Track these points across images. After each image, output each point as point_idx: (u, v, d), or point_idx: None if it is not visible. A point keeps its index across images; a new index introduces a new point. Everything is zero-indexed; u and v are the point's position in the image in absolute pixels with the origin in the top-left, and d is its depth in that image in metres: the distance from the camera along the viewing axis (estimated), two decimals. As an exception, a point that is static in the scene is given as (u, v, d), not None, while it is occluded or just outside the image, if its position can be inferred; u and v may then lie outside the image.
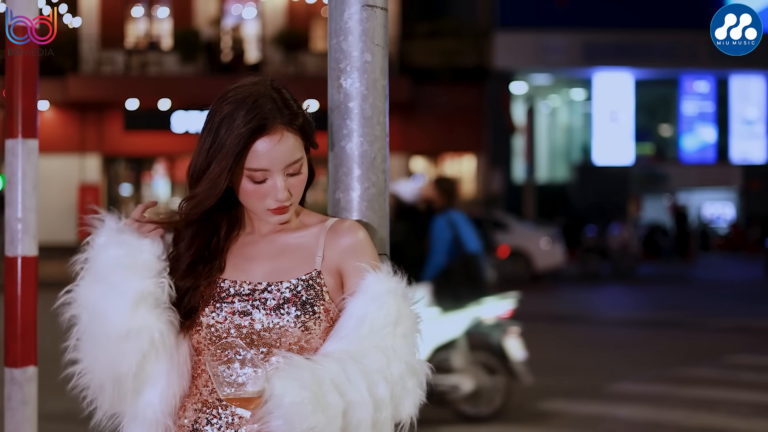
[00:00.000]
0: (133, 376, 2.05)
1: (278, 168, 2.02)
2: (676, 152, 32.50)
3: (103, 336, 2.04)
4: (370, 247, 2.10)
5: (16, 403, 3.14)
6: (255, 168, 2.01)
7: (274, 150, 2.01)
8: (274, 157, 2.01)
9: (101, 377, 2.07)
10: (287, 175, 2.04)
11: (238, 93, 2.04)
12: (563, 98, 32.74)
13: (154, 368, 2.06)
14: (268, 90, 2.05)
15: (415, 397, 2.00)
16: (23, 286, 3.17)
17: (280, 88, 2.07)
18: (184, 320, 2.07)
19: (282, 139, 2.02)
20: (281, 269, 2.08)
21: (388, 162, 2.28)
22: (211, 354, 1.90)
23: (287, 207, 2.06)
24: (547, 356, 11.07)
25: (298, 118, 2.05)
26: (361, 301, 2.01)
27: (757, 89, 31.84)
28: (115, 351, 2.03)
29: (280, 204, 2.04)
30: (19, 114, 3.19)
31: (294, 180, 2.06)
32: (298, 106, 2.08)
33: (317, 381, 1.89)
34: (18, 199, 3.18)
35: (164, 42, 27.08)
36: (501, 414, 7.82)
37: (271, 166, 2.02)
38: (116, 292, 2.03)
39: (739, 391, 8.85)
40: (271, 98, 2.03)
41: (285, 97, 2.06)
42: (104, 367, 2.06)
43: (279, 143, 2.01)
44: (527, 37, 28.17)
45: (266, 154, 2.01)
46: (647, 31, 28.61)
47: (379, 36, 2.27)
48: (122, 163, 27.84)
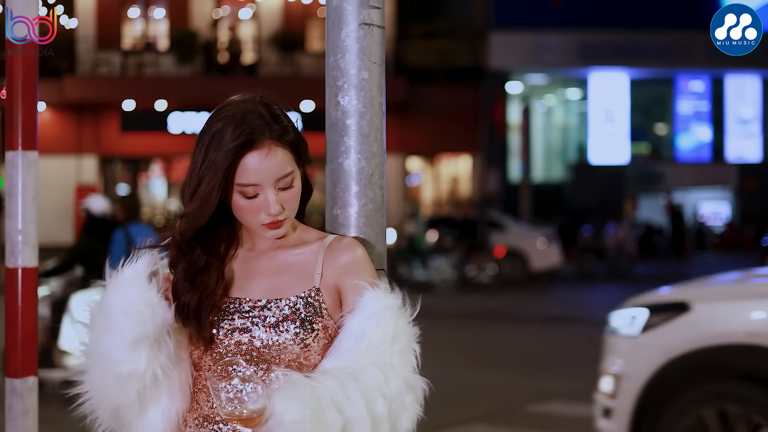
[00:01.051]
0: (136, 406, 2.09)
1: (268, 182, 2.05)
2: (671, 151, 32.55)
3: (104, 374, 2.08)
4: (368, 264, 2.12)
5: (17, 413, 3.16)
6: (245, 183, 2.04)
7: (263, 164, 2.04)
8: (263, 171, 2.04)
9: (104, 406, 2.11)
10: (279, 189, 2.06)
11: (227, 111, 2.08)
12: (559, 98, 32.77)
13: (156, 392, 2.09)
14: (257, 106, 2.08)
15: (412, 412, 2.03)
16: (23, 297, 3.19)
17: (270, 104, 2.10)
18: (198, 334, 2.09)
19: (270, 153, 2.04)
20: (281, 287, 2.11)
21: (385, 178, 2.31)
22: (212, 372, 1.93)
23: (281, 222, 2.08)
24: (542, 356, 11.11)
25: (288, 133, 2.08)
26: (360, 319, 2.04)
27: (752, 88, 31.89)
28: (116, 388, 2.07)
29: (273, 218, 2.06)
30: (19, 126, 3.21)
31: (286, 194, 2.08)
32: (288, 121, 2.10)
33: (317, 399, 1.91)
34: (18, 211, 3.21)
35: (161, 43, 27.07)
36: (497, 416, 7.85)
37: (260, 180, 2.04)
38: (117, 333, 2.06)
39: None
40: (259, 114, 2.06)
41: (274, 112, 2.09)
42: (107, 399, 2.10)
43: (267, 157, 2.04)
44: (523, 37, 28.19)
45: (255, 168, 2.03)
46: (642, 30, 28.65)
47: (376, 54, 2.29)
48: (119, 164, 27.84)
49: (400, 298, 2.09)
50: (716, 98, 31.84)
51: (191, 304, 2.09)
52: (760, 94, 31.92)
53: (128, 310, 2.05)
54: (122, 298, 2.07)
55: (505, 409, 8.30)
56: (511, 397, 8.73)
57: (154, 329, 2.05)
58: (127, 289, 2.08)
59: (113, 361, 2.05)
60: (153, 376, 2.05)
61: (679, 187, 31.80)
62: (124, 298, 2.07)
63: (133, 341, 2.04)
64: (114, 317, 2.06)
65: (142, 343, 2.04)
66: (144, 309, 2.05)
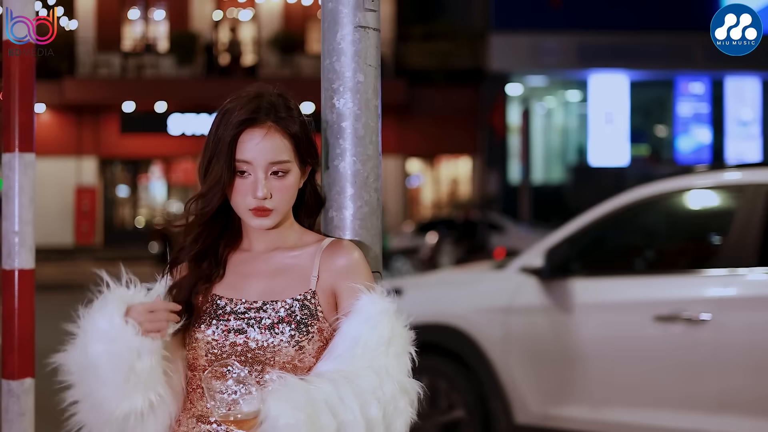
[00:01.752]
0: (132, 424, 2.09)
1: (261, 163, 2.06)
2: (671, 153, 32.53)
3: (100, 421, 2.09)
4: (364, 268, 2.13)
5: (13, 415, 3.16)
6: (240, 159, 2.06)
7: (260, 144, 2.06)
8: (258, 150, 2.05)
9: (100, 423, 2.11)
10: (271, 175, 2.07)
11: (242, 92, 2.12)
12: (559, 100, 32.76)
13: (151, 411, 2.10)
14: (273, 95, 2.11)
15: (406, 416, 2.03)
16: (20, 299, 3.20)
17: (287, 97, 2.13)
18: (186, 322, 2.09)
19: (268, 135, 2.06)
20: (277, 288, 2.11)
21: (380, 181, 2.32)
22: (207, 373, 1.94)
23: (268, 211, 2.08)
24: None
25: (293, 125, 2.09)
26: (355, 322, 2.04)
27: (751, 90, 31.88)
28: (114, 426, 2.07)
29: (259, 203, 2.06)
30: (16, 128, 3.22)
31: (278, 183, 2.08)
32: (299, 116, 2.12)
33: (311, 402, 1.91)
34: (15, 213, 3.21)
35: (160, 44, 27.08)
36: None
37: (253, 159, 2.06)
38: (109, 384, 2.03)
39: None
40: (270, 100, 2.09)
41: (288, 104, 2.12)
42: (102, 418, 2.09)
43: (264, 138, 2.06)
44: (522, 39, 28.18)
45: (250, 145, 2.06)
46: (642, 32, 28.64)
47: (372, 57, 2.30)
48: (119, 166, 27.85)
49: (396, 301, 2.09)
50: (716, 100, 31.82)
51: (186, 285, 2.10)
52: (760, 96, 31.90)
53: (114, 361, 2.01)
54: (105, 347, 2.02)
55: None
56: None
57: (143, 369, 2.02)
58: (107, 338, 2.02)
59: (109, 408, 2.05)
60: (150, 403, 2.06)
61: (678, 189, 31.76)
62: (107, 349, 2.01)
63: (124, 384, 2.02)
64: (101, 371, 2.02)
65: (134, 381, 2.03)
66: (129, 355, 2.01)
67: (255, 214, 2.08)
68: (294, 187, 2.12)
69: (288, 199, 2.11)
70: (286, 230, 2.17)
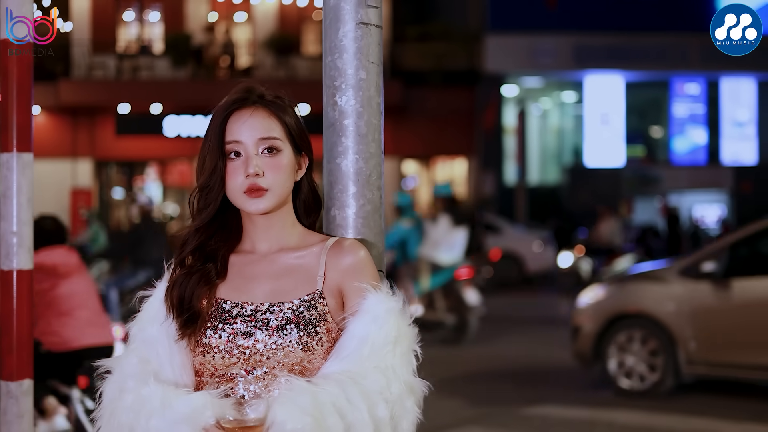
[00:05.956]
0: None
1: (250, 140, 2.06)
2: (667, 154, 32.56)
3: None
4: (370, 266, 2.12)
5: (12, 417, 3.15)
6: (229, 140, 2.07)
7: (247, 122, 2.07)
8: (245, 127, 2.07)
9: None
10: (262, 152, 2.07)
11: (235, 88, 2.14)
12: (554, 101, 32.78)
13: None
14: (263, 88, 2.13)
15: (413, 415, 2.02)
16: (18, 300, 3.18)
17: (278, 93, 2.15)
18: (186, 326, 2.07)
19: (255, 112, 2.08)
20: (283, 290, 2.10)
21: (383, 179, 2.30)
22: (214, 378, 1.92)
23: (262, 190, 2.07)
24: (538, 359, 11.10)
25: (282, 111, 2.11)
26: (363, 322, 2.03)
27: (747, 91, 31.92)
28: None
29: (252, 182, 2.05)
30: (14, 128, 3.20)
31: (270, 160, 2.07)
32: (289, 104, 2.14)
33: (318, 405, 1.90)
34: (13, 213, 3.20)
35: (156, 46, 27.04)
36: (491, 418, 7.83)
37: (241, 136, 2.06)
38: None
39: (732, 395, 8.88)
40: (259, 91, 2.12)
41: (278, 95, 2.13)
42: None
43: (251, 116, 2.08)
44: (518, 40, 28.19)
45: (238, 124, 2.07)
46: (638, 33, 28.66)
47: (374, 53, 2.28)
48: (114, 168, 27.80)
49: (401, 300, 2.08)
50: (711, 101, 31.85)
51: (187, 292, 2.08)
52: (756, 97, 31.94)
53: None
54: None
55: (501, 411, 8.28)
56: (507, 400, 8.72)
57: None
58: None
59: None
60: None
61: (674, 190, 31.81)
62: None
63: None
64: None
65: None
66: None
67: (249, 195, 2.07)
68: (288, 168, 2.10)
69: (282, 180, 2.09)
70: (288, 230, 2.15)
